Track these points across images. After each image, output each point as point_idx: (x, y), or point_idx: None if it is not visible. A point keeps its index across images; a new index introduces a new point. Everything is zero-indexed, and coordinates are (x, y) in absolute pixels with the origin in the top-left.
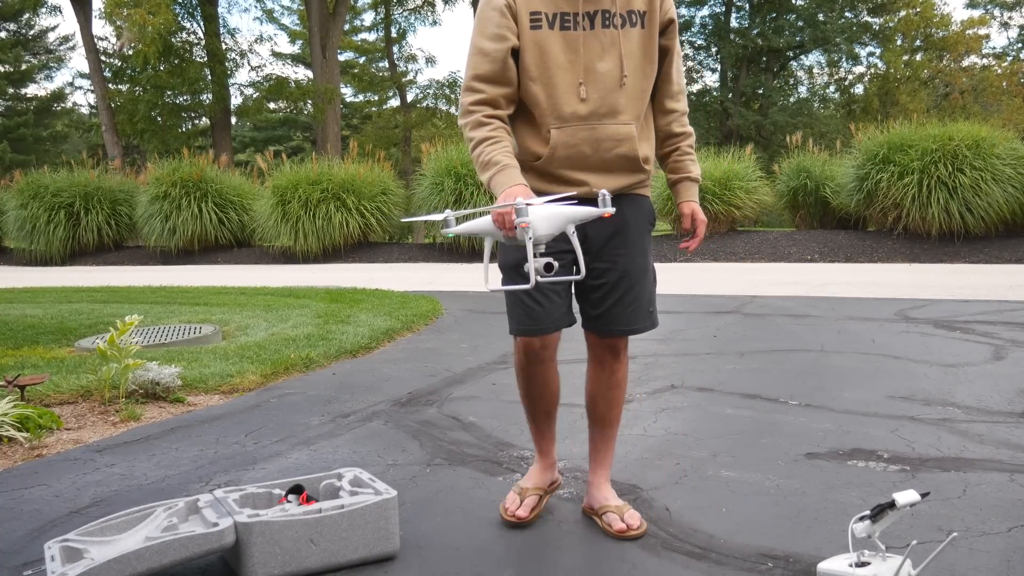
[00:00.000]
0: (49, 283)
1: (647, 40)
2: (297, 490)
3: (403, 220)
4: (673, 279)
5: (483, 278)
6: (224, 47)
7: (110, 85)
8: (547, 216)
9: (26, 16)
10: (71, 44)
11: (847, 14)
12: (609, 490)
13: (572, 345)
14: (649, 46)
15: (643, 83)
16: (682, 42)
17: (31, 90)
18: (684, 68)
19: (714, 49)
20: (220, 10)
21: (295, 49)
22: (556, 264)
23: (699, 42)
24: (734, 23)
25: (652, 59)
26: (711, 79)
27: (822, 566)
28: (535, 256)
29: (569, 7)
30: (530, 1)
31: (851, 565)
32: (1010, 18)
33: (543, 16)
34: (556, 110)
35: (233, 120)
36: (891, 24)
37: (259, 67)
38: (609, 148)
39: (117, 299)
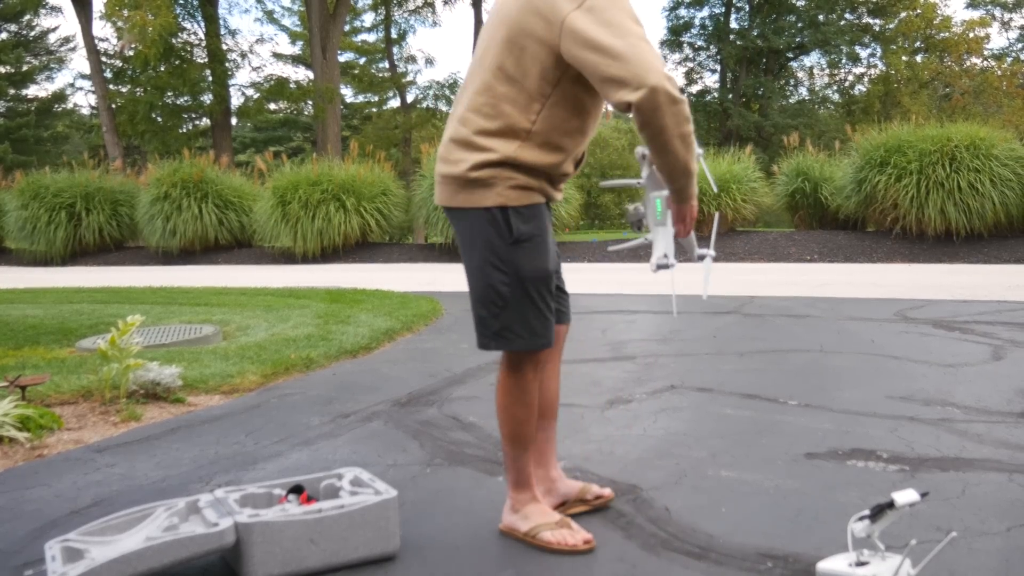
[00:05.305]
0: (50, 283)
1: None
2: (297, 490)
3: (603, 185)
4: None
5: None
6: (224, 48)
7: (111, 86)
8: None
9: (27, 17)
10: (72, 45)
11: (847, 16)
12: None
13: (571, 345)
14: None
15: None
16: (682, 43)
17: (32, 91)
18: (684, 67)
19: (714, 50)
20: (220, 11)
21: (295, 50)
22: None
23: (699, 43)
24: (734, 24)
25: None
26: (711, 80)
27: (821, 566)
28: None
29: None
30: None
31: (850, 565)
32: (1010, 19)
33: None
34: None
35: (233, 121)
36: (891, 26)
37: (259, 68)
38: None
39: (118, 299)
